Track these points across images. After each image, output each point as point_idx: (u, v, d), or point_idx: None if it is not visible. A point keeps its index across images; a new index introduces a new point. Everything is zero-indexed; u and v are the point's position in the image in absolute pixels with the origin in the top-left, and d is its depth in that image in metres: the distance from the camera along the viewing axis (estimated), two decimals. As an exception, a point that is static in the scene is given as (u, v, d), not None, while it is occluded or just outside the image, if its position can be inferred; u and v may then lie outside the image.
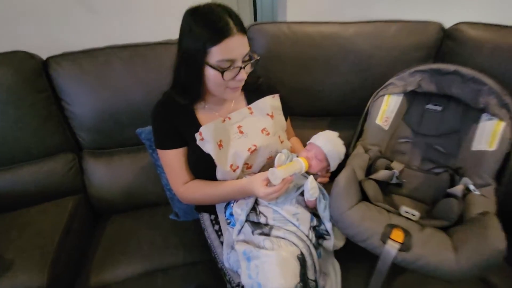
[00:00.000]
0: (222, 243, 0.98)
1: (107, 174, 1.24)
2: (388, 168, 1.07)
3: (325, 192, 0.86)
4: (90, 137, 1.22)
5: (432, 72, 1.00)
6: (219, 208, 1.01)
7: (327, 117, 1.32)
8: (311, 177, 0.82)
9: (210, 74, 0.82)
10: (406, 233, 0.77)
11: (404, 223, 0.82)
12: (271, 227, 0.82)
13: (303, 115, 1.32)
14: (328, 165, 0.89)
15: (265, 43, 1.19)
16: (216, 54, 0.78)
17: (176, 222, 1.21)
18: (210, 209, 1.03)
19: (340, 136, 0.97)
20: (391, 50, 1.16)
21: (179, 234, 1.17)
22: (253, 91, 1.01)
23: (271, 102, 1.00)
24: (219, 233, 1.01)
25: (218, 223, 1.02)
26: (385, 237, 0.77)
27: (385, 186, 1.06)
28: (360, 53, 1.16)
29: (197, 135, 0.89)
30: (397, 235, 0.76)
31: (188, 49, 0.81)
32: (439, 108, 1.08)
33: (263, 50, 1.19)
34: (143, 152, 1.26)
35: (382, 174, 1.02)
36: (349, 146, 1.09)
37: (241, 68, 0.81)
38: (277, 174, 0.77)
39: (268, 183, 0.83)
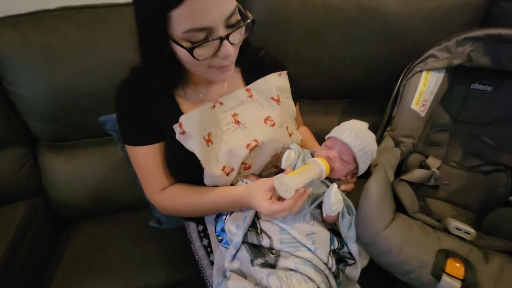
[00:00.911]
0: (212, 262, 0.76)
1: (70, 172, 1.01)
2: (423, 165, 0.84)
3: (350, 204, 0.64)
4: (45, 127, 0.97)
5: (489, 39, 0.75)
6: (208, 218, 0.79)
7: (342, 99, 1.08)
8: (334, 187, 0.59)
9: (179, 52, 0.56)
10: (467, 264, 0.56)
11: (457, 245, 0.61)
12: (278, 255, 0.60)
13: (312, 98, 1.09)
14: (356, 167, 0.66)
15: (264, 5, 0.93)
16: (180, 21, 0.51)
17: (158, 231, 0.99)
18: (197, 217, 0.81)
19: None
20: (428, 13, 0.91)
21: (161, 245, 0.96)
22: (252, 67, 0.75)
23: (277, 82, 0.75)
24: (208, 249, 0.79)
25: (207, 236, 0.80)
26: (437, 271, 0.55)
27: (416, 187, 0.84)
28: (388, 17, 0.91)
29: (176, 127, 0.65)
30: (455, 268, 0.55)
31: (143, 15, 0.54)
32: (488, 88, 0.85)
33: (261, 14, 0.93)
34: (115, 144, 1.01)
35: (417, 174, 0.80)
36: (373, 137, 0.86)
37: (223, 39, 0.54)
38: (288, 183, 0.54)
39: (274, 194, 0.60)
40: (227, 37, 0.55)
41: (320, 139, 0.90)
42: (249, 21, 0.58)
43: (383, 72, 0.97)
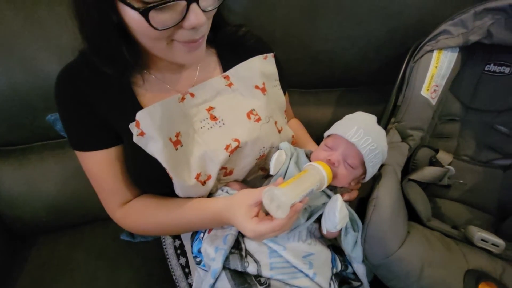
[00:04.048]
0: (191, 286, 0.64)
1: (22, 181, 0.85)
2: (434, 161, 0.73)
3: (356, 217, 0.52)
4: (-12, 129, 0.81)
5: (512, 11, 0.63)
6: (185, 234, 0.66)
7: (337, 88, 0.96)
8: (339, 200, 0.46)
9: (129, 18, 0.42)
10: (503, 289, 0.45)
11: (487, 262, 0.50)
12: (268, 284, 0.48)
13: (302, 86, 0.96)
14: (364, 173, 0.53)
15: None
16: None
17: (130, 245, 0.85)
18: (173, 232, 0.68)
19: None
20: (435, -17, 0.78)
21: (134, 263, 0.82)
22: (231, 49, 0.62)
23: (262, 67, 0.62)
24: (186, 269, 0.67)
25: (184, 254, 0.68)
26: (469, 299, 0.44)
27: (425, 186, 0.73)
28: (389, -11, 0.78)
29: (132, 127, 0.51)
30: (490, 296, 0.44)
31: None
32: (506, 69, 0.74)
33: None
34: (75, 147, 0.86)
35: (429, 172, 0.69)
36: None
37: (190, 1, 0.40)
38: (280, 199, 0.41)
39: (261, 208, 0.47)
40: None
41: (312, 133, 0.78)
42: None
43: (384, 54, 0.85)
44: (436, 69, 0.68)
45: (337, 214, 0.45)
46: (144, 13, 0.39)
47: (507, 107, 0.74)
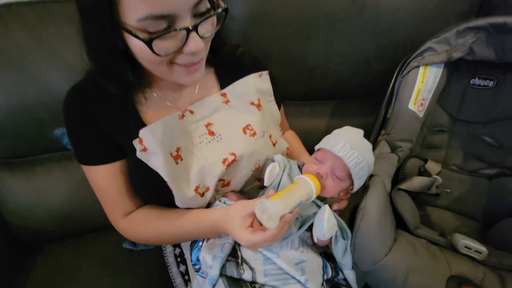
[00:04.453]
0: (190, 293, 0.67)
1: (29, 192, 0.89)
2: (423, 171, 0.76)
3: (345, 226, 0.55)
4: (-2, 142, 0.85)
5: (492, 29, 0.67)
6: (185, 243, 0.69)
7: (331, 100, 1.00)
8: (327, 211, 0.50)
9: (134, 46, 0.46)
10: (483, 294, 0.48)
11: (469, 268, 0.53)
12: (262, 290, 0.51)
13: (298, 99, 1.00)
14: (351, 184, 0.57)
15: (244, -3, 0.83)
16: (132, 5, 0.41)
17: (132, 253, 0.89)
18: (174, 240, 0.71)
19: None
20: (422, 3, 0.83)
21: (136, 270, 0.85)
22: (229, 68, 0.66)
23: (257, 84, 0.66)
24: (186, 277, 0.70)
25: (184, 262, 0.71)
26: (450, 304, 0.47)
27: (415, 195, 0.76)
28: (378, 9, 0.83)
29: (136, 143, 0.54)
30: (470, 300, 0.47)
31: (86, 2, 0.44)
32: (490, 83, 0.77)
33: (240, 8, 0.83)
34: (80, 159, 0.90)
35: (417, 182, 0.72)
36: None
37: (190, 30, 0.45)
38: (271, 211, 0.44)
39: (255, 219, 0.51)
40: (195, 28, 0.45)
41: (308, 143, 0.82)
42: (220, 10, 0.48)
43: (374, 69, 0.89)
44: (422, 83, 0.72)
45: (324, 224, 0.48)
46: (149, 42, 0.43)
47: (492, 118, 0.77)
